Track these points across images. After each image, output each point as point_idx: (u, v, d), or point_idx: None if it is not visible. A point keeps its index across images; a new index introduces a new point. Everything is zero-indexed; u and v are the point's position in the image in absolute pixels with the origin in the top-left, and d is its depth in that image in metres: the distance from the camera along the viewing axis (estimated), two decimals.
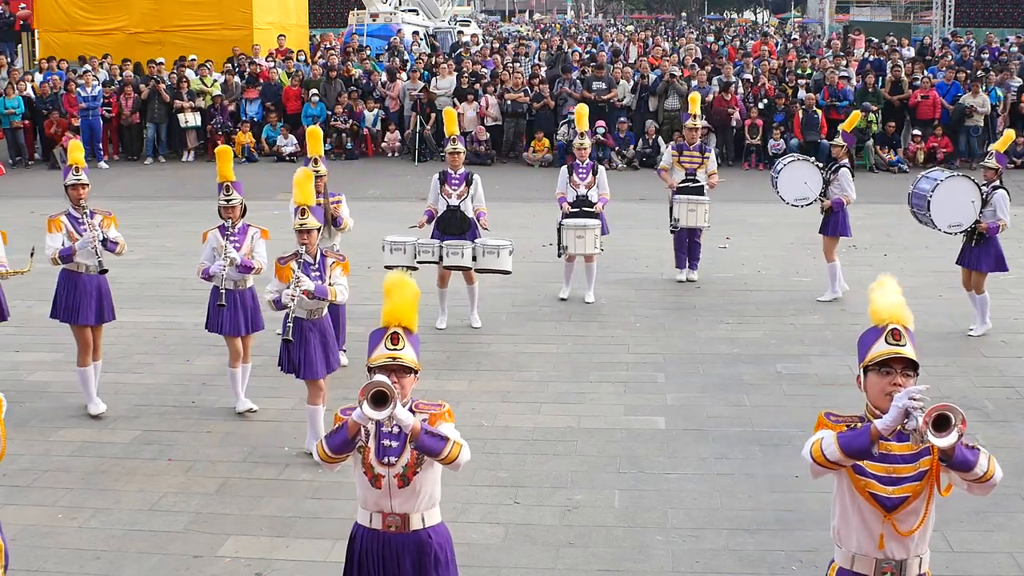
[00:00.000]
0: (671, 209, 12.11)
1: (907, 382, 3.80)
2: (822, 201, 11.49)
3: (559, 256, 11.43)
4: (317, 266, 7.28)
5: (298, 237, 7.27)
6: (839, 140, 11.74)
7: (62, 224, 8.22)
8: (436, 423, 4.28)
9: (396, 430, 4.23)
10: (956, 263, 10.47)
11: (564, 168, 11.71)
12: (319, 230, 7.39)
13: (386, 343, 4.28)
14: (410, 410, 4.28)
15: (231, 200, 8.17)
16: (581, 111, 11.65)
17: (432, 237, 10.31)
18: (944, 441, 3.50)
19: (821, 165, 11.87)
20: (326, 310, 7.53)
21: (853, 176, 11.53)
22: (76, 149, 8.57)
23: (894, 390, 3.76)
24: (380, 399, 4.01)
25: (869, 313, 3.97)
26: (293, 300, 7.09)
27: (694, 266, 12.28)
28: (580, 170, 11.42)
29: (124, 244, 8.41)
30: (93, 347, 8.40)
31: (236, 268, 8.05)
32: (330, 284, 7.25)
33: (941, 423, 3.50)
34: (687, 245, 12.21)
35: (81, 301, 8.23)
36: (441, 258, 10.14)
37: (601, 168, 11.72)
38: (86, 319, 8.25)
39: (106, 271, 8.32)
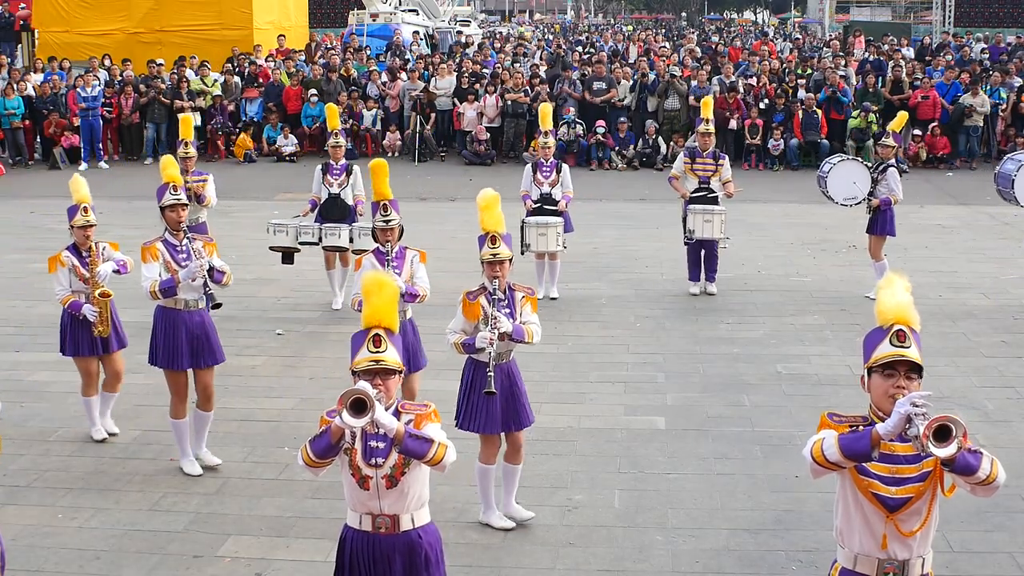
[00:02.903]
0: (684, 220, 11.58)
1: (911, 385, 3.77)
2: (870, 200, 11.40)
3: (522, 254, 11.34)
4: (507, 302, 6.17)
5: (488, 269, 6.13)
6: (889, 140, 11.61)
7: (158, 252, 7.05)
8: (422, 424, 4.25)
9: (383, 431, 4.17)
10: None
11: (528, 166, 11.67)
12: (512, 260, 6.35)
13: (368, 346, 4.24)
14: (396, 411, 4.26)
15: (390, 220, 7.22)
16: (544, 110, 11.58)
17: (315, 222, 11.17)
18: (944, 452, 3.49)
19: (869, 164, 11.81)
20: (513, 353, 6.42)
21: (901, 176, 11.42)
22: (171, 165, 7.48)
23: (897, 393, 3.73)
24: (359, 407, 3.97)
25: (875, 312, 3.92)
26: (492, 345, 5.99)
27: (711, 278, 11.72)
28: (544, 168, 11.40)
29: (231, 274, 7.27)
30: (204, 396, 7.35)
31: (402, 297, 7.02)
32: (523, 323, 6.17)
33: (942, 433, 3.49)
34: (701, 257, 11.66)
35: (181, 342, 7.11)
36: (320, 239, 11.03)
37: (565, 167, 11.65)
38: (180, 363, 7.14)
39: (219, 305, 7.14)
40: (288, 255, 11.26)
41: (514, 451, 6.46)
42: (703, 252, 11.64)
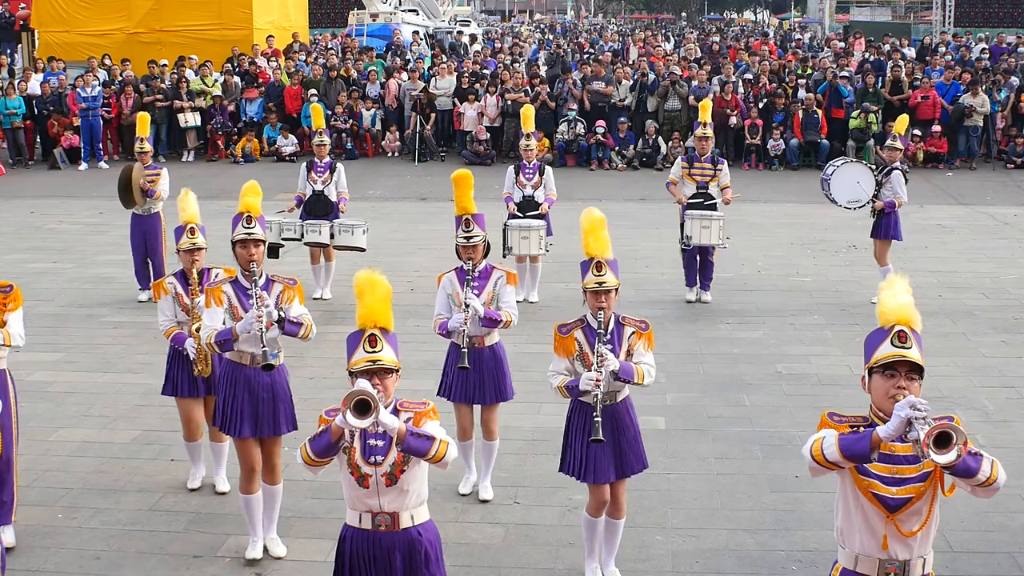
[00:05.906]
0: (682, 226, 11.28)
1: (912, 385, 3.78)
2: (874, 203, 11.27)
3: (504, 256, 11.17)
4: (610, 337, 5.46)
5: (591, 299, 5.42)
6: (897, 143, 11.50)
7: (223, 296, 5.93)
8: (421, 421, 4.26)
9: (381, 429, 4.18)
10: None
11: (511, 168, 11.59)
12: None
13: (364, 346, 4.24)
14: (395, 409, 4.27)
15: (472, 237, 6.54)
16: (526, 112, 11.53)
17: (300, 218, 11.62)
18: (944, 458, 3.49)
19: (874, 167, 11.71)
20: (627, 390, 5.68)
21: (907, 179, 11.31)
22: (251, 192, 6.11)
23: (898, 393, 3.74)
24: (363, 407, 3.98)
25: (876, 313, 3.94)
26: (598, 386, 5.31)
27: (706, 286, 11.49)
28: (527, 170, 11.36)
29: (311, 325, 6.06)
30: (267, 466, 6.14)
31: (480, 321, 6.50)
32: (635, 362, 5.46)
33: (942, 440, 3.49)
34: (698, 264, 11.41)
35: (241, 404, 5.98)
36: (302, 235, 11.44)
37: (548, 168, 11.60)
38: (238, 429, 5.98)
39: (272, 367, 5.89)
40: (273, 250, 11.43)
41: (613, 502, 5.72)
42: (699, 258, 11.43)
